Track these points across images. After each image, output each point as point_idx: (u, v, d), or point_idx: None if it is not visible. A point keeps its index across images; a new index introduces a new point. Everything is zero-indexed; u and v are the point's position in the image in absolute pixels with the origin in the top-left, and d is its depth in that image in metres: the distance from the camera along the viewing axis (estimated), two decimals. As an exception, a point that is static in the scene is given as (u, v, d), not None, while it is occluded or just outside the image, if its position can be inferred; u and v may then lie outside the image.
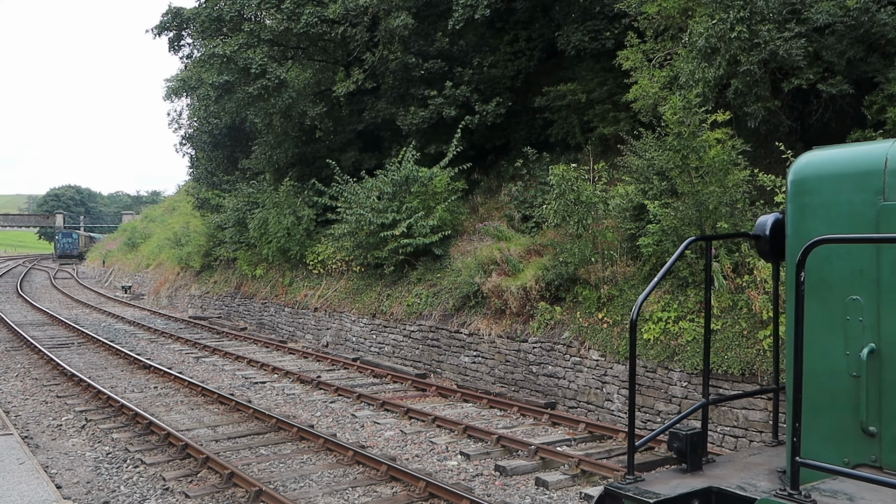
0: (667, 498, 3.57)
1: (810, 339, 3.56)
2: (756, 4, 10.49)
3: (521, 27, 19.81)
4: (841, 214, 3.53)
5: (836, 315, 3.54)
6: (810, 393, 3.58)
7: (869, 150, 3.57)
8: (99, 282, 52.94)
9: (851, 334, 3.48)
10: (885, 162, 3.39)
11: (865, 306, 3.45)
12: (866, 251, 3.45)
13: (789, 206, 3.82)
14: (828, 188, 3.60)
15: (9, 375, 16.28)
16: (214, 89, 21.12)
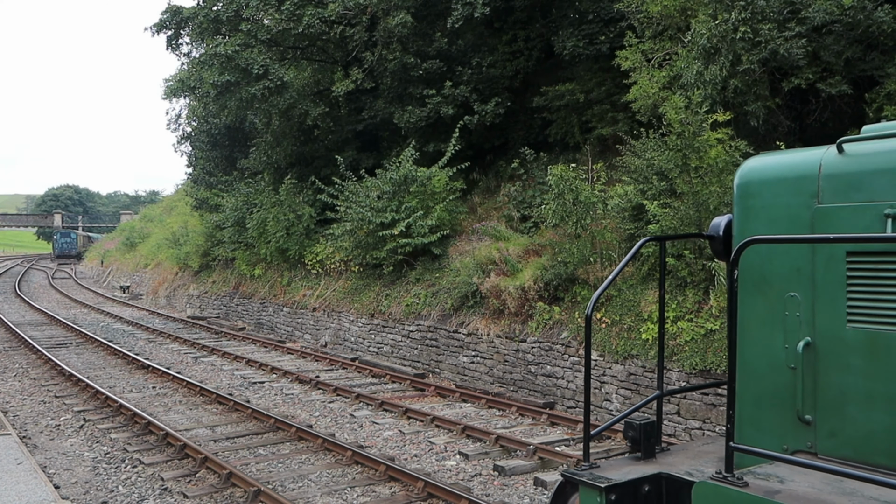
0: (618, 483, 3.77)
1: (754, 334, 3.85)
2: (757, 4, 10.49)
3: (519, 27, 19.81)
4: (780, 216, 3.76)
5: (776, 311, 3.76)
6: (753, 385, 3.85)
7: (805, 157, 3.79)
8: (97, 282, 52.90)
9: (790, 329, 3.69)
10: (820, 168, 3.62)
11: (802, 302, 3.66)
12: (803, 251, 3.65)
13: (735, 209, 4.03)
14: (769, 192, 3.83)
15: (7, 375, 16.27)
16: (215, 88, 21.10)
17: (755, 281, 3.87)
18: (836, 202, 3.55)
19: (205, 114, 28.88)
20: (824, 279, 3.55)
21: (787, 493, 3.18)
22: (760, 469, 3.53)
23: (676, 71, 12.27)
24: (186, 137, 34.33)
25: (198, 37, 23.52)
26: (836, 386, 3.49)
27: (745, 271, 3.87)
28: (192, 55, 26.59)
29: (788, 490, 3.21)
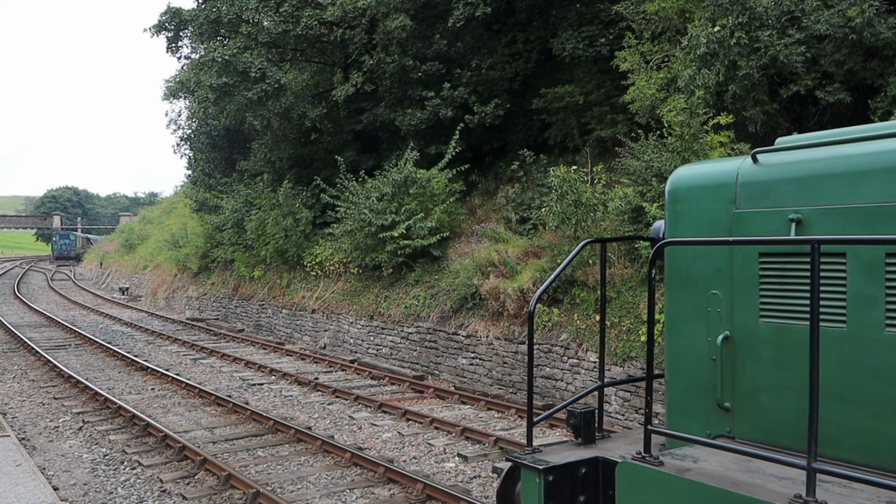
0: (555, 465, 4.09)
1: (682, 329, 4.18)
2: (755, 11, 10.51)
3: (518, 29, 19.83)
4: (704, 220, 4.08)
5: (700, 308, 4.08)
6: (682, 376, 4.18)
7: (726, 166, 4.11)
8: (96, 283, 52.87)
9: (712, 323, 4.01)
10: (737, 176, 3.96)
11: (722, 299, 3.98)
12: (723, 252, 3.97)
13: (666, 213, 4.35)
14: (694, 198, 4.17)
15: (6, 377, 16.26)
16: (213, 91, 21.14)
17: (683, 280, 4.19)
18: (749, 208, 3.88)
19: (204, 115, 28.88)
20: (741, 278, 3.87)
21: (697, 470, 3.49)
22: (680, 451, 3.85)
23: (674, 73, 12.28)
24: (186, 139, 34.34)
25: (198, 38, 23.54)
26: (750, 376, 3.80)
27: (675, 271, 4.23)
28: (192, 57, 26.59)
29: (698, 468, 3.52)
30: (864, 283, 3.39)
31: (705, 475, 3.41)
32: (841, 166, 3.55)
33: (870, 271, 3.38)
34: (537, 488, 4.06)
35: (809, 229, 3.62)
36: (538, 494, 4.05)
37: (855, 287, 3.42)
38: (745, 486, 3.22)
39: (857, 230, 3.44)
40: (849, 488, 3.18)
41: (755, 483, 3.25)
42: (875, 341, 3.33)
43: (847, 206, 3.49)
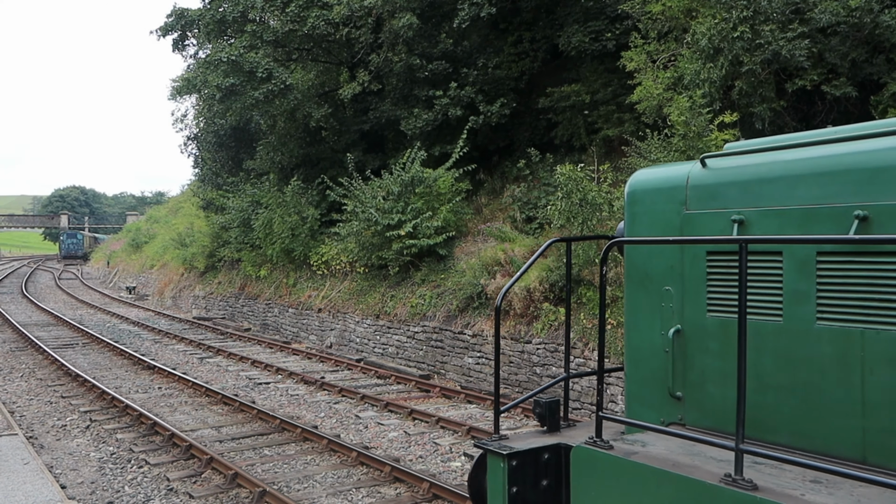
0: (519, 451, 4.28)
1: (640, 323, 4.45)
2: (759, 4, 10.47)
3: (524, 28, 19.81)
4: (658, 221, 4.32)
5: (655, 303, 4.33)
6: (639, 367, 4.45)
7: (678, 170, 4.34)
8: (103, 282, 53.05)
9: (665, 318, 4.26)
10: (687, 179, 4.19)
11: (674, 295, 4.23)
12: (675, 250, 4.22)
13: (626, 214, 4.60)
14: (649, 200, 4.40)
15: (14, 376, 16.33)
16: (220, 91, 21.17)
17: (640, 277, 4.47)
18: (698, 209, 4.12)
19: (210, 115, 28.93)
20: (691, 275, 4.13)
21: (643, 453, 3.73)
22: (632, 437, 4.11)
23: (680, 72, 12.25)
24: (192, 138, 34.39)
25: (204, 38, 23.59)
26: (698, 367, 4.05)
27: (633, 269, 4.52)
28: (198, 56, 26.65)
29: (645, 452, 3.76)
30: (798, 279, 3.62)
31: (650, 458, 3.64)
32: (779, 171, 3.79)
33: (803, 269, 3.61)
34: (502, 472, 4.25)
35: (750, 229, 3.84)
36: (502, 478, 4.25)
37: (790, 283, 3.65)
38: (684, 468, 3.47)
39: (792, 230, 3.67)
40: (779, 469, 3.41)
41: (694, 464, 3.50)
42: (807, 334, 3.57)
43: (784, 208, 3.73)
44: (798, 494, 3.08)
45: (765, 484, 3.17)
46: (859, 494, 3.05)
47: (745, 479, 3.16)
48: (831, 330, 3.50)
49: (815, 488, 3.18)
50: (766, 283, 3.73)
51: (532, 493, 4.29)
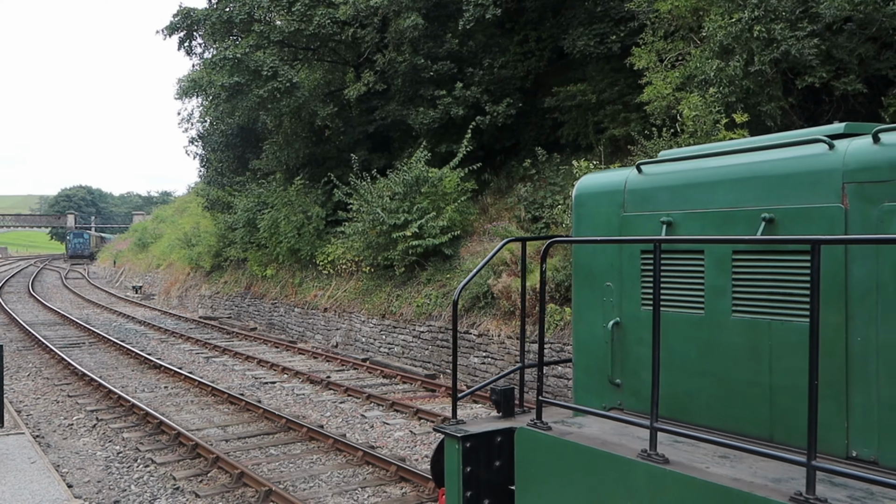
0: (473, 433, 4.64)
1: (585, 316, 4.78)
2: (770, 2, 10.43)
3: (530, 28, 19.78)
4: (600, 222, 4.68)
5: (598, 297, 4.68)
6: (584, 357, 4.81)
7: (617, 175, 4.69)
8: (110, 282, 53.19)
9: (606, 311, 4.61)
10: (625, 184, 4.54)
11: (614, 290, 4.58)
12: (615, 249, 4.57)
13: (573, 216, 4.95)
14: (593, 202, 4.77)
15: (21, 375, 16.38)
16: (225, 90, 21.18)
17: (585, 274, 4.82)
18: (634, 211, 4.47)
19: (216, 114, 28.97)
20: (628, 272, 4.47)
21: (577, 434, 4.10)
22: (572, 419, 4.47)
23: (690, 71, 12.20)
24: (199, 138, 34.45)
25: (210, 38, 23.61)
26: (634, 356, 4.38)
27: (579, 267, 4.89)
28: (204, 56, 26.67)
29: (580, 433, 4.13)
30: (717, 276, 3.98)
31: (582, 437, 4.02)
32: (702, 177, 4.15)
33: (721, 266, 3.96)
34: (457, 454, 4.62)
35: (677, 230, 4.19)
36: (457, 459, 4.62)
37: (710, 279, 4.00)
38: (610, 445, 3.86)
39: (712, 231, 4.01)
40: (695, 446, 3.75)
41: (620, 443, 3.87)
42: (724, 325, 3.92)
43: (706, 211, 4.08)
44: (703, 467, 3.43)
45: (676, 458, 3.53)
46: (758, 467, 3.38)
47: (658, 454, 3.53)
48: (744, 321, 3.84)
49: (721, 462, 3.52)
50: (691, 279, 4.10)
51: (485, 472, 4.66)
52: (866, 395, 3.38)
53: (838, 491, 3.11)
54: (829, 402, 3.45)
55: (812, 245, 3.03)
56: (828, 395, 3.44)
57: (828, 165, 3.55)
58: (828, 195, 3.54)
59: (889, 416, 3.29)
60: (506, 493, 4.63)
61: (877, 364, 3.35)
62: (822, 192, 3.56)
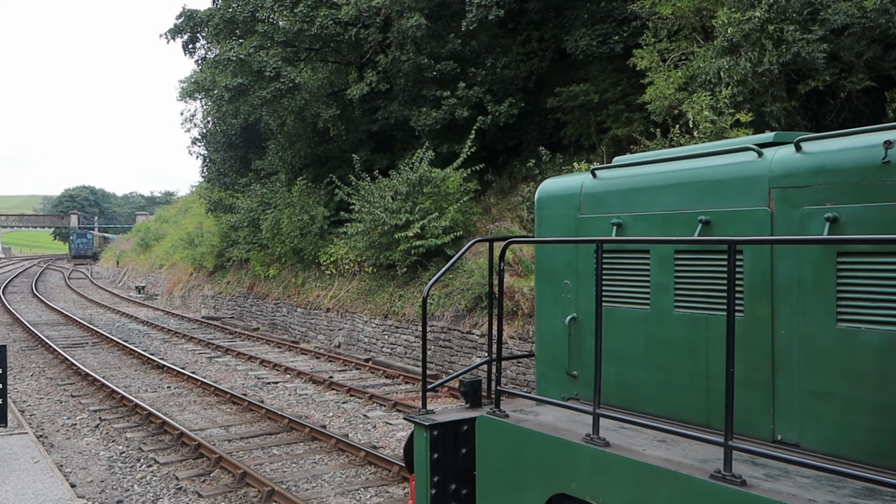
0: (440, 422, 4.96)
1: (545, 312, 5.09)
2: (779, 3, 10.41)
3: (533, 28, 19.77)
4: (559, 224, 4.98)
5: (557, 294, 4.97)
6: (545, 350, 5.10)
7: (575, 179, 4.99)
8: (113, 282, 53.26)
9: (564, 307, 4.91)
10: (581, 188, 4.85)
11: (572, 288, 4.88)
12: (572, 249, 4.87)
13: (536, 218, 5.25)
14: (553, 205, 5.07)
15: (24, 375, 16.40)
16: (228, 91, 21.20)
17: (545, 272, 5.14)
18: (589, 214, 4.78)
19: (219, 115, 28.99)
20: (583, 271, 4.75)
21: (532, 421, 4.42)
22: (529, 408, 4.83)
23: (693, 71, 12.18)
24: (201, 138, 34.47)
25: (213, 39, 23.63)
26: (589, 349, 4.54)
27: (540, 265, 5.21)
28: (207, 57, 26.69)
29: (534, 420, 4.45)
30: (661, 274, 4.26)
31: (536, 424, 4.35)
32: (648, 182, 4.45)
33: (664, 265, 4.25)
34: (425, 441, 4.93)
35: (626, 231, 4.47)
36: (425, 446, 4.92)
37: (655, 277, 4.30)
38: (559, 431, 4.17)
39: (656, 232, 4.28)
40: (638, 432, 4.05)
41: (569, 429, 4.17)
42: (667, 319, 4.21)
43: (651, 213, 4.36)
44: (641, 450, 3.76)
45: (616, 442, 3.87)
46: (691, 450, 3.70)
47: (599, 438, 3.87)
48: (685, 316, 4.14)
49: (658, 445, 3.84)
50: (639, 277, 4.41)
51: (452, 458, 4.98)
52: (789, 383, 3.65)
53: (757, 470, 3.39)
54: (757, 390, 3.77)
55: (728, 245, 3.32)
56: (755, 383, 3.78)
57: (756, 172, 3.84)
58: (756, 199, 3.81)
59: (808, 403, 3.56)
60: (471, 478, 4.91)
61: (798, 355, 3.61)
62: (751, 197, 3.84)
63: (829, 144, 3.64)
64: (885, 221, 3.29)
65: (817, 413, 3.52)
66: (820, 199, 3.55)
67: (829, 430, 3.48)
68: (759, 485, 3.18)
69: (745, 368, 3.79)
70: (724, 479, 3.19)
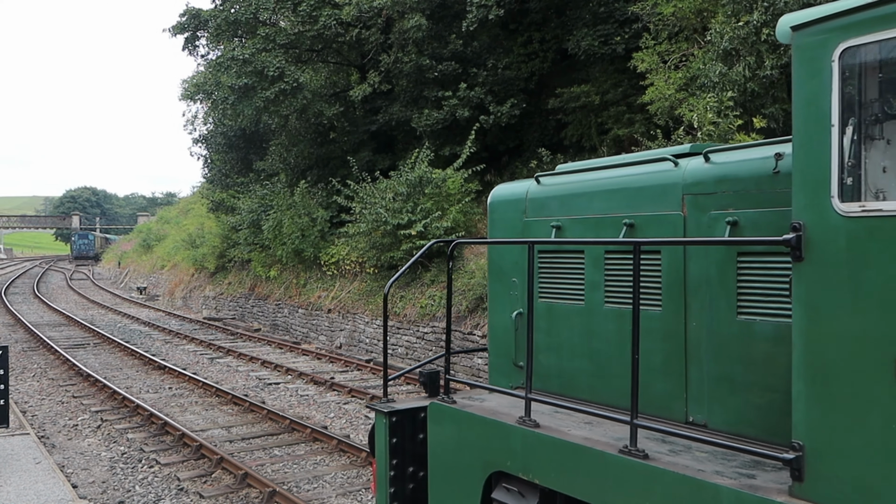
0: (398, 409, 5.34)
1: (496, 307, 5.48)
2: (777, 6, 10.42)
3: (534, 29, 19.78)
4: (508, 226, 5.35)
5: (506, 291, 5.34)
6: (495, 343, 5.49)
7: (521, 186, 5.38)
8: (114, 283, 53.30)
9: (513, 303, 5.25)
10: (527, 193, 5.23)
11: (519, 285, 5.20)
12: (520, 249, 5.13)
13: (488, 221, 5.62)
14: (503, 209, 5.44)
15: (26, 376, 16.42)
16: (233, 93, 21.20)
17: (496, 271, 5.51)
18: (533, 217, 5.14)
19: (221, 116, 29.03)
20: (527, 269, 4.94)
21: (476, 407, 4.83)
22: (476, 395, 5.31)
23: (693, 72, 12.19)
24: (203, 139, 34.52)
25: (215, 39, 23.66)
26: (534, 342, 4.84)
27: (492, 264, 5.59)
28: (208, 57, 26.73)
29: (479, 406, 4.86)
30: (594, 272, 4.65)
31: (479, 409, 4.76)
32: (583, 188, 4.84)
33: (596, 264, 4.64)
34: (384, 427, 5.29)
35: (564, 233, 4.87)
36: (385, 432, 5.29)
37: (589, 275, 4.69)
38: (498, 415, 4.57)
39: (590, 234, 4.68)
40: (568, 415, 4.45)
41: (508, 413, 4.53)
42: (599, 314, 4.59)
43: (585, 217, 4.75)
44: (567, 430, 4.15)
45: (546, 423, 4.26)
46: (612, 430, 4.04)
47: (530, 420, 4.26)
48: (613, 310, 4.50)
49: (584, 427, 4.23)
50: (575, 275, 4.80)
51: (409, 443, 5.34)
52: (699, 370, 4.03)
53: (664, 446, 3.80)
54: (673, 376, 4.15)
55: (634, 246, 3.74)
56: (671, 371, 4.15)
57: (672, 180, 4.21)
58: (672, 205, 4.19)
59: (714, 388, 3.94)
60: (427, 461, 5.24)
61: (706, 345, 3.98)
62: (668, 202, 4.22)
63: (732, 156, 4.02)
64: (778, 225, 3.57)
65: (721, 396, 3.90)
66: (724, 205, 3.92)
67: (731, 411, 3.86)
68: (660, 458, 3.59)
69: (662, 358, 4.19)
70: (630, 453, 3.60)
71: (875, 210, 2.78)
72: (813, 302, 2.94)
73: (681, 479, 3.35)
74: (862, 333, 2.78)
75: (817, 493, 2.91)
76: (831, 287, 2.87)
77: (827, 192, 2.88)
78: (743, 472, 3.36)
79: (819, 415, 2.92)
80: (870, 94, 2.97)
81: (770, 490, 3.09)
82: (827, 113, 2.89)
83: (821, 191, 2.91)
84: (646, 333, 4.13)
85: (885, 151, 3.00)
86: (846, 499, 2.82)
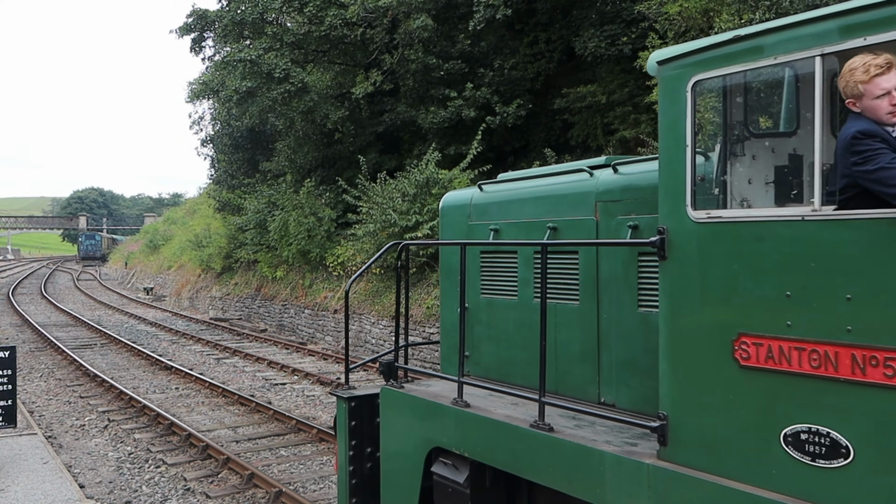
0: (356, 395, 5.85)
1: (446, 302, 5.94)
2: (781, 5, 10.39)
3: (540, 29, 19.76)
4: (455, 229, 5.83)
5: (454, 288, 5.64)
6: (446, 335, 5.90)
7: (467, 193, 5.86)
8: (121, 283, 53.45)
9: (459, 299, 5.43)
10: (471, 199, 5.72)
11: None
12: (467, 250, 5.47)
13: (440, 224, 6.10)
14: (451, 213, 5.91)
15: (33, 376, 16.47)
16: (238, 94, 21.23)
17: (445, 270, 5.99)
18: (476, 221, 5.62)
19: (227, 117, 29.08)
20: (472, 268, 5.49)
21: (421, 391, 5.34)
22: (424, 381, 5.88)
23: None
24: (209, 140, 34.58)
25: (222, 40, 23.70)
26: (477, 334, 5.55)
27: (443, 263, 6.06)
28: (215, 58, 26.78)
29: (423, 390, 5.35)
30: (525, 270, 5.13)
31: (422, 393, 5.26)
32: (517, 195, 5.34)
33: (527, 263, 5.11)
34: (344, 411, 5.82)
35: (501, 236, 5.37)
36: (344, 416, 5.83)
37: (521, 273, 5.17)
38: (438, 398, 5.04)
39: (523, 237, 5.14)
40: (499, 398, 4.91)
41: (447, 396, 4.99)
42: (529, 307, 5.02)
43: (519, 221, 5.21)
44: (493, 409, 4.65)
45: (476, 404, 4.78)
46: (532, 410, 4.36)
47: (462, 401, 4.79)
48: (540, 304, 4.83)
49: (510, 407, 4.72)
50: (510, 273, 5.28)
51: (368, 426, 5.83)
52: (609, 356, 4.53)
53: (571, 422, 4.32)
54: (588, 362, 4.67)
55: (541, 247, 4.28)
56: (587, 357, 4.67)
57: (587, 189, 4.70)
58: (587, 211, 4.68)
59: (621, 372, 4.44)
60: None
61: (614, 334, 4.47)
62: (584, 209, 4.71)
63: (635, 167, 4.50)
64: None
65: (626, 379, 4.42)
66: (628, 211, 4.41)
67: (633, 391, 4.38)
68: (564, 431, 4.13)
69: (579, 346, 4.72)
70: (538, 426, 4.15)
71: (716, 217, 3.32)
72: (674, 294, 3.46)
73: (576, 448, 3.94)
74: (709, 320, 3.31)
75: (677, 456, 3.45)
76: (686, 281, 3.41)
77: (683, 201, 3.40)
78: (629, 442, 3.92)
79: (678, 389, 3.46)
80: (717, 119, 3.61)
81: (643, 455, 3.65)
82: (683, 134, 3.40)
83: (678, 200, 3.43)
84: (566, 325, 4.78)
85: (734, 166, 3.58)
86: (698, 459, 3.34)
